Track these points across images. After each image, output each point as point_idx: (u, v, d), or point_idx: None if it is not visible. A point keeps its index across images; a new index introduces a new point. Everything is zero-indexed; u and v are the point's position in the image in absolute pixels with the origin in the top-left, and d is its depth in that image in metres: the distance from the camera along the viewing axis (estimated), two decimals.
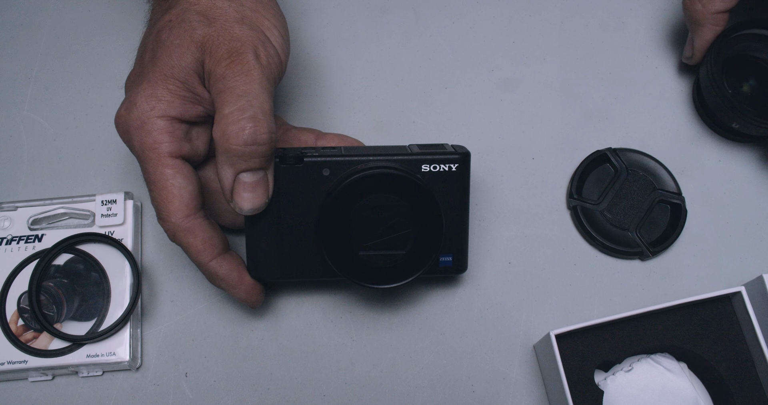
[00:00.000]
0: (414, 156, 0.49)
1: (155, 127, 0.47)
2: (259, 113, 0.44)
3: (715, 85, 0.57)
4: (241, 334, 0.55)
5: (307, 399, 0.54)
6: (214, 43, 0.46)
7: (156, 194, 0.47)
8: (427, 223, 0.49)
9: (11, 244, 0.56)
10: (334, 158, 0.49)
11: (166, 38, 0.47)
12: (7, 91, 0.62)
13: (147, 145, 0.47)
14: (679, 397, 0.51)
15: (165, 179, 0.47)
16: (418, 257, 0.50)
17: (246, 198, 0.46)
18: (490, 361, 0.55)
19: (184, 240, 0.48)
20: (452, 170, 0.49)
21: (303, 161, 0.48)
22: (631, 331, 0.53)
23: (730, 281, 0.57)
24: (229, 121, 0.44)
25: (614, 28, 0.65)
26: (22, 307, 0.54)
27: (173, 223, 0.47)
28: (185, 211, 0.47)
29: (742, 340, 0.52)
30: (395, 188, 0.48)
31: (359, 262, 0.49)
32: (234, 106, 0.44)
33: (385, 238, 0.49)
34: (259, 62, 0.46)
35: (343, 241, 0.49)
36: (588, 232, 0.58)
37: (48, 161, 0.60)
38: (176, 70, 0.46)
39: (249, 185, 0.46)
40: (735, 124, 0.58)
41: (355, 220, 0.48)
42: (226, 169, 0.46)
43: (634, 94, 0.62)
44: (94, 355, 0.53)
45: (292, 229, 0.50)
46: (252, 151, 0.45)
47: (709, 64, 0.57)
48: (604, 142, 0.61)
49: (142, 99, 0.47)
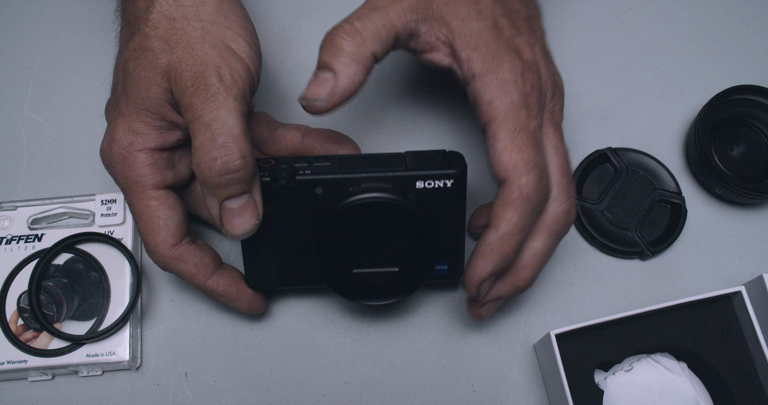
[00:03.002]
0: (408, 172, 0.48)
1: (137, 161, 0.47)
2: (229, 140, 0.44)
3: (700, 149, 0.57)
4: (241, 333, 0.55)
5: (307, 398, 0.54)
6: (177, 71, 0.45)
7: (142, 226, 0.48)
8: (419, 242, 0.49)
9: (11, 243, 0.56)
10: (326, 176, 0.48)
11: (132, 70, 0.47)
12: (7, 91, 0.62)
13: (130, 179, 0.48)
14: (680, 397, 0.51)
15: (150, 211, 0.48)
16: (413, 273, 0.50)
17: (236, 224, 0.46)
18: (490, 361, 0.55)
19: (176, 268, 0.49)
20: (447, 186, 0.48)
21: (295, 180, 0.48)
22: (631, 331, 0.53)
23: (730, 281, 0.57)
24: (201, 153, 0.44)
25: (614, 27, 0.65)
26: (21, 307, 0.54)
27: (162, 254, 0.48)
28: (171, 241, 0.48)
29: (742, 339, 0.52)
30: (388, 213, 0.48)
31: (353, 279, 0.50)
32: (203, 136, 0.44)
33: (378, 255, 0.49)
34: (223, 84, 0.45)
35: (337, 259, 0.49)
36: (588, 232, 0.58)
37: (48, 161, 0.60)
38: (147, 102, 0.46)
39: (236, 211, 0.46)
40: (717, 190, 0.58)
41: (348, 239, 0.48)
42: (209, 199, 0.46)
43: (634, 93, 0.63)
44: (93, 355, 0.53)
45: (287, 242, 0.50)
46: (228, 180, 0.44)
47: (697, 125, 0.57)
48: (604, 142, 0.61)
49: (120, 134, 0.47)
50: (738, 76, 0.63)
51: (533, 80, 0.47)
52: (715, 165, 0.57)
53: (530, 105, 0.46)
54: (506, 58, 0.46)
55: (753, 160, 0.59)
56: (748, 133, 0.59)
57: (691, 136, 0.58)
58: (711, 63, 0.63)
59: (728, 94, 0.58)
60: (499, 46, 0.47)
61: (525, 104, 0.46)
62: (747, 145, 0.59)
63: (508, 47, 0.47)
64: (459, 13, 0.47)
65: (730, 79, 0.62)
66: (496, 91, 0.46)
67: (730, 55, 0.64)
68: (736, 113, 0.59)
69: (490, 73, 0.46)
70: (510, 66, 0.46)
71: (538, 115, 0.47)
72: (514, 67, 0.46)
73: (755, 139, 0.59)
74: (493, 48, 0.47)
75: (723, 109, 0.58)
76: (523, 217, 0.45)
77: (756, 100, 0.58)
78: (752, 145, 0.59)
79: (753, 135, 0.59)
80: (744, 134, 0.59)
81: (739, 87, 0.58)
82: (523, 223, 0.45)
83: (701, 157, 0.57)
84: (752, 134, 0.59)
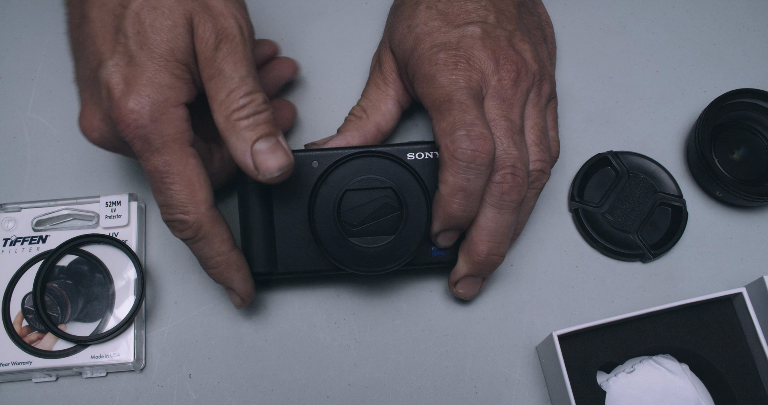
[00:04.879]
0: (399, 145, 0.51)
1: (174, 117, 0.45)
2: (256, 87, 0.46)
3: (701, 152, 0.57)
4: (244, 335, 0.56)
5: (311, 400, 0.54)
6: (199, 22, 0.45)
7: (180, 187, 0.46)
8: (414, 205, 0.50)
9: (15, 245, 0.56)
10: (322, 151, 0.51)
11: (151, 20, 0.45)
12: (11, 93, 0.62)
13: (170, 136, 0.45)
14: (681, 399, 0.51)
15: (191, 168, 0.46)
16: (408, 241, 0.50)
17: (271, 161, 0.45)
18: (492, 362, 0.55)
19: (212, 230, 0.47)
20: (436, 157, 0.50)
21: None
22: (633, 332, 0.53)
23: (731, 283, 0.57)
24: (229, 103, 0.45)
25: (615, 32, 0.65)
26: (26, 308, 0.54)
27: (203, 213, 0.46)
28: (211, 200, 0.47)
29: (744, 341, 0.53)
30: (382, 169, 0.49)
31: (350, 248, 0.50)
32: (227, 89, 0.45)
33: (374, 221, 0.50)
34: (243, 36, 0.46)
35: (334, 226, 0.50)
36: (590, 235, 0.58)
37: (52, 163, 0.60)
38: (177, 53, 0.45)
39: (268, 150, 0.45)
40: (718, 193, 0.58)
41: (344, 205, 0.49)
42: (240, 146, 0.45)
43: (635, 97, 0.63)
44: (98, 356, 0.53)
45: (286, 223, 0.51)
46: (257, 120, 0.45)
47: (698, 129, 0.58)
48: (605, 146, 0.61)
49: (150, 90, 0.45)
50: (738, 79, 0.63)
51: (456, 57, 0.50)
52: (715, 168, 0.58)
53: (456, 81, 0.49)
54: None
55: (753, 163, 0.59)
56: (749, 136, 0.60)
57: (691, 140, 0.59)
58: (711, 66, 0.64)
59: (728, 97, 0.58)
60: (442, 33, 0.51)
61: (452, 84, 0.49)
62: (747, 149, 0.60)
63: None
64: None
65: (731, 83, 0.62)
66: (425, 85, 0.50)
67: (730, 58, 0.64)
68: (736, 117, 0.60)
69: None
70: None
71: (465, 89, 0.49)
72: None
73: (755, 143, 0.60)
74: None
75: (723, 112, 0.59)
76: (455, 176, 0.47)
77: (756, 104, 0.59)
78: (753, 148, 0.60)
79: (753, 138, 0.60)
80: (744, 137, 0.60)
81: (739, 90, 0.59)
82: (458, 183, 0.47)
83: (702, 161, 0.57)
84: (752, 137, 0.60)
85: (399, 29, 0.53)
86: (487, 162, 0.47)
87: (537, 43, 0.55)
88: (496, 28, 0.51)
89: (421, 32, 0.51)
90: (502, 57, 0.50)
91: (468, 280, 0.53)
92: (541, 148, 0.51)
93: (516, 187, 0.49)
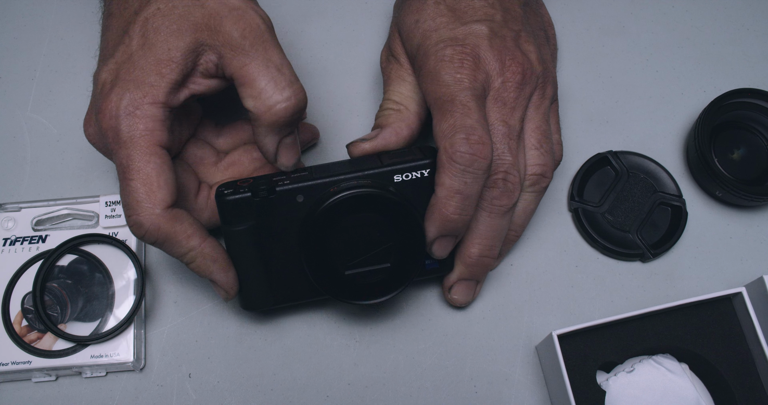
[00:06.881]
0: (384, 168, 0.49)
1: (147, 113, 0.46)
2: (295, 80, 0.47)
3: (701, 152, 0.57)
4: (244, 335, 0.56)
5: (311, 400, 0.54)
6: (218, 21, 0.46)
7: (139, 184, 0.45)
8: (406, 232, 0.49)
9: (15, 244, 0.56)
10: (305, 183, 0.49)
11: (159, 25, 0.46)
12: (11, 92, 0.62)
13: (138, 131, 0.46)
14: (681, 398, 0.51)
15: (152, 168, 0.46)
16: (404, 267, 0.50)
17: (291, 156, 0.50)
18: (492, 362, 0.55)
19: (171, 230, 0.46)
20: (425, 176, 0.49)
21: (276, 191, 0.48)
22: (633, 332, 0.53)
23: (730, 282, 0.57)
24: (269, 94, 0.46)
25: (615, 31, 0.65)
26: (26, 308, 0.54)
27: (157, 214, 0.46)
28: (169, 201, 0.46)
29: (743, 340, 0.53)
30: (370, 206, 0.48)
31: (347, 281, 0.50)
32: (266, 78, 0.46)
33: (367, 254, 0.49)
34: (266, 24, 0.47)
35: (328, 263, 0.49)
36: (589, 234, 0.58)
37: (51, 162, 0.60)
38: (174, 52, 0.46)
39: (290, 145, 0.49)
40: (718, 193, 0.58)
41: (335, 241, 0.49)
42: (270, 138, 0.48)
43: (635, 97, 0.63)
44: (97, 356, 0.53)
45: (276, 256, 0.50)
46: (295, 118, 0.48)
47: (697, 128, 0.58)
48: (605, 145, 0.61)
49: (133, 86, 0.46)
50: (738, 79, 0.63)
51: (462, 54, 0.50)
52: (715, 168, 0.58)
53: (460, 82, 0.49)
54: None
55: (753, 162, 0.59)
56: (748, 136, 0.60)
57: (691, 140, 0.59)
58: (711, 66, 0.64)
59: (728, 97, 0.58)
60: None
61: (457, 84, 0.49)
62: (747, 148, 0.60)
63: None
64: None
65: (730, 83, 0.62)
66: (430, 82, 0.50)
67: (730, 58, 0.64)
68: (736, 116, 0.60)
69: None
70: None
71: (468, 89, 0.49)
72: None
73: (755, 142, 0.60)
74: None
75: (723, 112, 0.59)
76: (453, 179, 0.47)
77: (756, 104, 0.59)
78: (752, 148, 0.60)
79: (753, 138, 0.60)
80: (744, 137, 0.60)
81: (738, 90, 0.59)
82: (456, 185, 0.47)
83: (701, 160, 0.57)
84: (752, 137, 0.60)
85: (407, 23, 0.53)
86: (485, 167, 0.47)
87: (541, 44, 0.55)
88: (502, 28, 0.51)
89: (428, 28, 0.51)
90: (508, 58, 0.50)
91: (462, 284, 0.54)
92: (542, 151, 0.51)
93: (506, 193, 0.50)
